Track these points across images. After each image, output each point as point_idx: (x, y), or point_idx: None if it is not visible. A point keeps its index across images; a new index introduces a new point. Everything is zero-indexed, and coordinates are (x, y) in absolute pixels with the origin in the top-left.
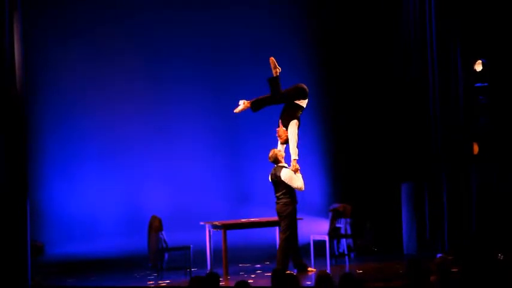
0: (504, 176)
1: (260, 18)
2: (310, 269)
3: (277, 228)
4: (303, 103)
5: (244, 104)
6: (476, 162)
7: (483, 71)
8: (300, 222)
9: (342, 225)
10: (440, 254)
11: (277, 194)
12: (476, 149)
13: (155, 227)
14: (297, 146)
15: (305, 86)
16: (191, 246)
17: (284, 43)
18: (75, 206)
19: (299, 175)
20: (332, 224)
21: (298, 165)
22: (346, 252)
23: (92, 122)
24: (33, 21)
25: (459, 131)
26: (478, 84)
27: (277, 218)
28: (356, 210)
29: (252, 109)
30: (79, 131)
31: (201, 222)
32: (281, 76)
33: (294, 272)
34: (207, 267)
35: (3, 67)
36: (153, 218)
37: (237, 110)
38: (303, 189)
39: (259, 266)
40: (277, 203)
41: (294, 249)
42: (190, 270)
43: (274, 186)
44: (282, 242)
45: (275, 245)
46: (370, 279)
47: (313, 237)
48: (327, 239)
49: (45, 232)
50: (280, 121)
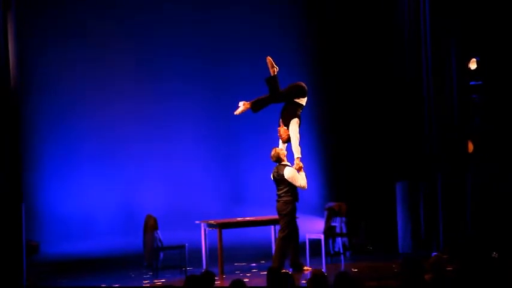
0: (499, 175)
1: (259, 18)
2: (305, 268)
3: (272, 227)
4: (303, 101)
5: (244, 106)
6: (471, 161)
7: (477, 69)
8: (297, 221)
9: (338, 224)
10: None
11: (279, 192)
12: (471, 147)
13: (150, 226)
14: (299, 144)
15: (304, 84)
16: (186, 245)
17: (283, 43)
18: (70, 205)
19: (302, 173)
20: (327, 223)
21: (301, 164)
22: (342, 251)
23: (88, 121)
24: (31, 21)
25: (454, 130)
26: (473, 82)
27: (272, 216)
28: (351, 209)
29: (252, 110)
30: (75, 131)
31: (197, 221)
32: (280, 76)
33: (290, 271)
34: (203, 266)
35: None
36: (148, 217)
37: (237, 112)
38: (306, 187)
39: (255, 264)
40: (278, 201)
41: (293, 247)
42: (186, 269)
43: (276, 184)
44: (279, 240)
45: (271, 243)
46: (365, 278)
47: (308, 236)
48: (322, 237)
49: (41, 231)
50: (281, 120)
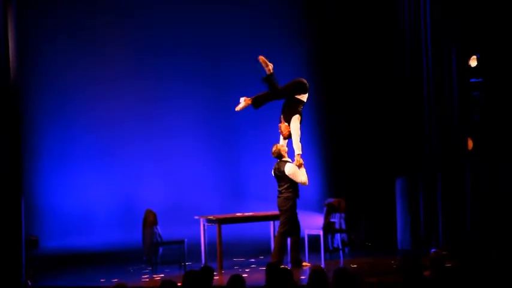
0: (498, 172)
1: (258, 16)
2: (304, 263)
3: (271, 222)
4: (304, 97)
5: (245, 101)
6: (470, 158)
7: (478, 67)
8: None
9: (337, 220)
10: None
11: (280, 189)
12: (470, 144)
13: (150, 221)
14: (300, 141)
15: (305, 81)
16: (185, 240)
17: (283, 42)
18: (70, 199)
19: (303, 170)
20: (326, 219)
21: (302, 160)
22: (341, 247)
23: (88, 117)
24: (31, 18)
25: (454, 127)
26: (473, 79)
27: (271, 212)
28: (351, 205)
29: (253, 106)
30: (75, 126)
31: (196, 217)
32: (280, 75)
33: (288, 267)
34: (202, 261)
35: None
36: (148, 212)
37: (238, 108)
38: (307, 183)
39: (254, 260)
40: (279, 197)
41: (293, 243)
42: (185, 264)
43: (277, 180)
44: (279, 236)
45: (270, 239)
46: (364, 274)
47: (307, 232)
48: (321, 233)
49: (40, 225)
50: (282, 116)
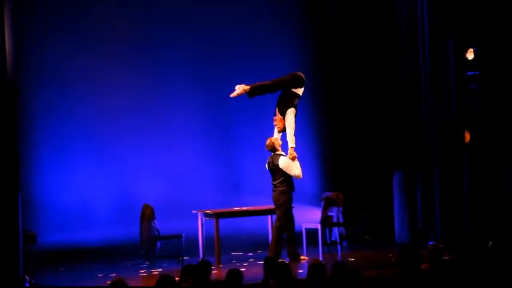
0: (496, 165)
1: (258, 13)
2: (302, 257)
3: (269, 216)
4: (300, 91)
5: (242, 89)
6: (468, 152)
7: (475, 60)
8: (293, 211)
9: (334, 213)
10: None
11: (274, 182)
12: (467, 137)
13: (147, 215)
14: (294, 134)
15: (302, 74)
16: (183, 234)
17: (282, 37)
18: (68, 194)
19: (297, 163)
20: (324, 213)
21: (295, 153)
22: (338, 240)
23: (85, 111)
24: (28, 12)
25: (451, 120)
26: (470, 72)
27: (269, 206)
28: (348, 199)
29: (249, 94)
30: (72, 121)
31: (193, 211)
32: (279, 70)
33: (286, 261)
34: (199, 256)
35: None
36: (145, 207)
37: (233, 95)
38: (301, 177)
39: (252, 254)
40: (274, 191)
41: (289, 237)
42: (183, 259)
43: (271, 174)
44: (276, 230)
45: (267, 233)
46: (362, 267)
47: (305, 226)
48: (319, 227)
49: (37, 221)
50: (277, 109)
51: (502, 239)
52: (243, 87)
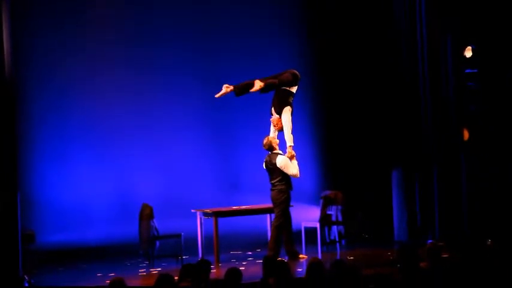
0: (494, 163)
1: (256, 10)
2: (301, 256)
3: (268, 215)
4: (294, 89)
5: (226, 89)
6: (466, 150)
7: (473, 57)
8: (291, 210)
9: (333, 212)
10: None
11: (273, 181)
12: (466, 135)
13: (146, 215)
14: (291, 133)
15: (297, 72)
16: (182, 234)
17: (279, 33)
18: (67, 194)
19: (295, 162)
20: (323, 211)
21: (293, 152)
22: (337, 239)
23: (84, 110)
24: (26, 10)
25: (449, 118)
26: (468, 70)
27: (268, 205)
28: (347, 198)
29: (235, 94)
30: (71, 120)
31: (192, 210)
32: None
33: (285, 259)
34: (199, 255)
35: None
36: (144, 206)
37: (218, 95)
38: (299, 176)
39: (251, 253)
40: (272, 190)
41: (287, 236)
42: (182, 258)
43: (268, 173)
44: (274, 229)
45: (266, 232)
46: (361, 266)
47: (304, 224)
48: (318, 226)
49: (36, 220)
50: (272, 109)
51: (501, 238)
52: (228, 87)
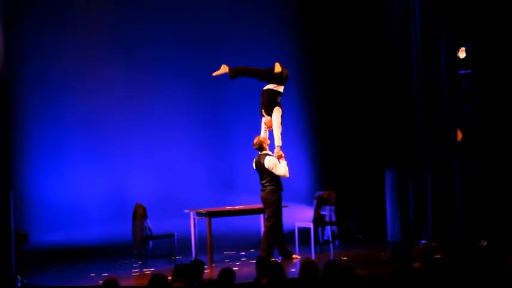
0: (487, 164)
1: (250, 8)
2: (294, 256)
3: (261, 215)
4: (280, 88)
5: (223, 69)
6: (460, 150)
7: (466, 58)
8: (285, 210)
9: (327, 212)
10: (424, 241)
11: (262, 182)
12: (459, 135)
13: (139, 215)
14: (280, 133)
15: (285, 72)
16: (176, 234)
17: (273, 33)
18: (60, 194)
19: (283, 162)
20: (317, 212)
21: (281, 152)
22: (331, 239)
23: (77, 110)
24: (19, 8)
25: (443, 118)
26: (462, 71)
27: (262, 205)
28: (341, 198)
29: (230, 76)
30: (64, 120)
31: (186, 210)
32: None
33: (279, 260)
34: (192, 255)
35: None
36: (138, 206)
37: (215, 73)
38: (288, 176)
39: (244, 253)
40: (263, 191)
41: (278, 236)
42: (175, 258)
43: (258, 173)
44: (267, 229)
45: (260, 232)
46: (355, 266)
47: (297, 225)
48: (311, 226)
49: (29, 220)
50: (262, 110)
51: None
52: (225, 68)
